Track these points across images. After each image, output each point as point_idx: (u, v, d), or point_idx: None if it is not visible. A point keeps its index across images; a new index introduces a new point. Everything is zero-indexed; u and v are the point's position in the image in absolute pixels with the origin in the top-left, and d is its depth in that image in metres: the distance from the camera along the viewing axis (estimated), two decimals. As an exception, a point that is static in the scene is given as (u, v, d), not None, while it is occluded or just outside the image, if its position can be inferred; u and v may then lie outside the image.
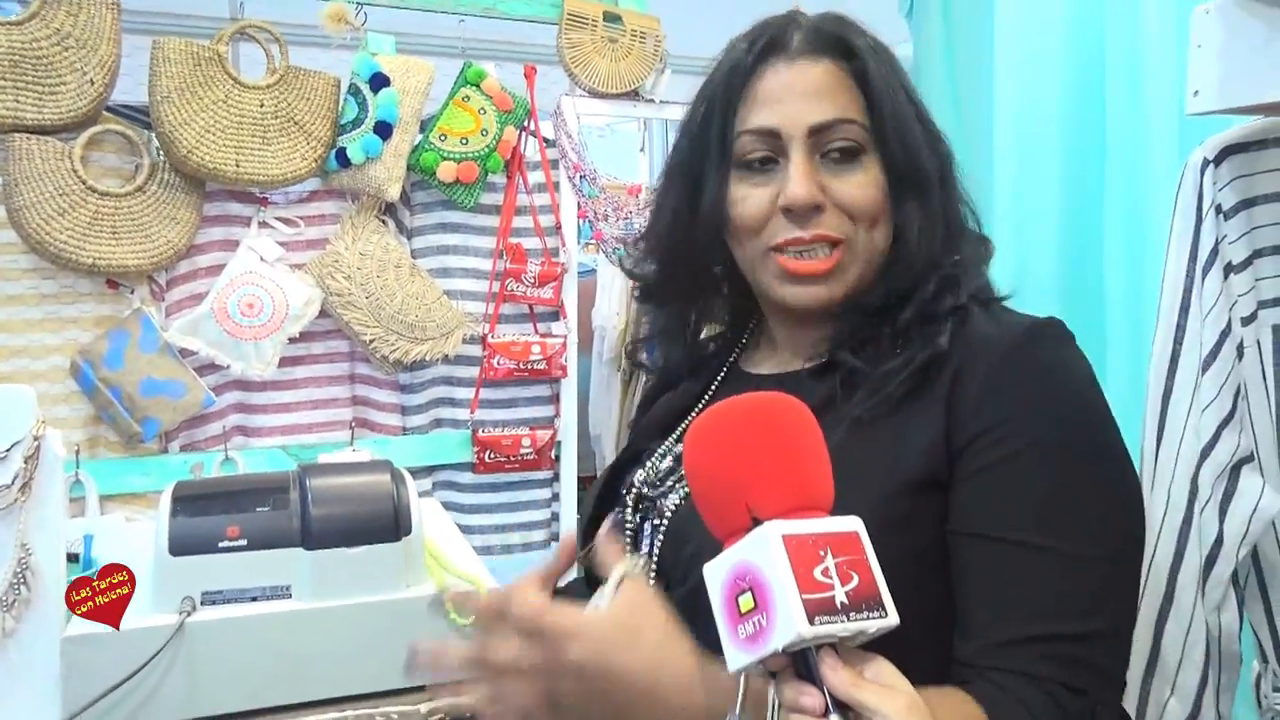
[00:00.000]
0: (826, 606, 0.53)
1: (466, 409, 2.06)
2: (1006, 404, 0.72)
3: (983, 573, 0.71)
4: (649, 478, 0.87)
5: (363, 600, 1.16)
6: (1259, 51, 0.76)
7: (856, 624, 0.54)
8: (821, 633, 0.53)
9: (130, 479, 1.78)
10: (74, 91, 1.66)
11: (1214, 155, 0.88)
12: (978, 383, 0.73)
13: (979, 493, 0.72)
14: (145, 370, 1.74)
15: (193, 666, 1.10)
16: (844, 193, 0.79)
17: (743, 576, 0.56)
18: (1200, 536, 0.90)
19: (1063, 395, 0.74)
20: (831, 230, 0.79)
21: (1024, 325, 0.77)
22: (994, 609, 0.69)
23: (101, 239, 1.70)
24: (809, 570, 0.54)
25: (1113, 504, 0.72)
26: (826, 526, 0.57)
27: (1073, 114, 1.41)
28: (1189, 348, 0.91)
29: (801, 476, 0.60)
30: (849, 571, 0.55)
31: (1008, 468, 0.71)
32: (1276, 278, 0.89)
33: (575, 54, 2.09)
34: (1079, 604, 0.69)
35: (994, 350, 0.75)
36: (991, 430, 0.72)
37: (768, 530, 0.56)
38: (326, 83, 1.86)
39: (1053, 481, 0.71)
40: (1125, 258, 1.34)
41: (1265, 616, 0.92)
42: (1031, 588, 0.69)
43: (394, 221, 2.00)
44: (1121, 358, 1.32)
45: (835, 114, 0.79)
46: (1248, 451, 0.89)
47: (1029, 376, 0.73)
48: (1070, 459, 0.71)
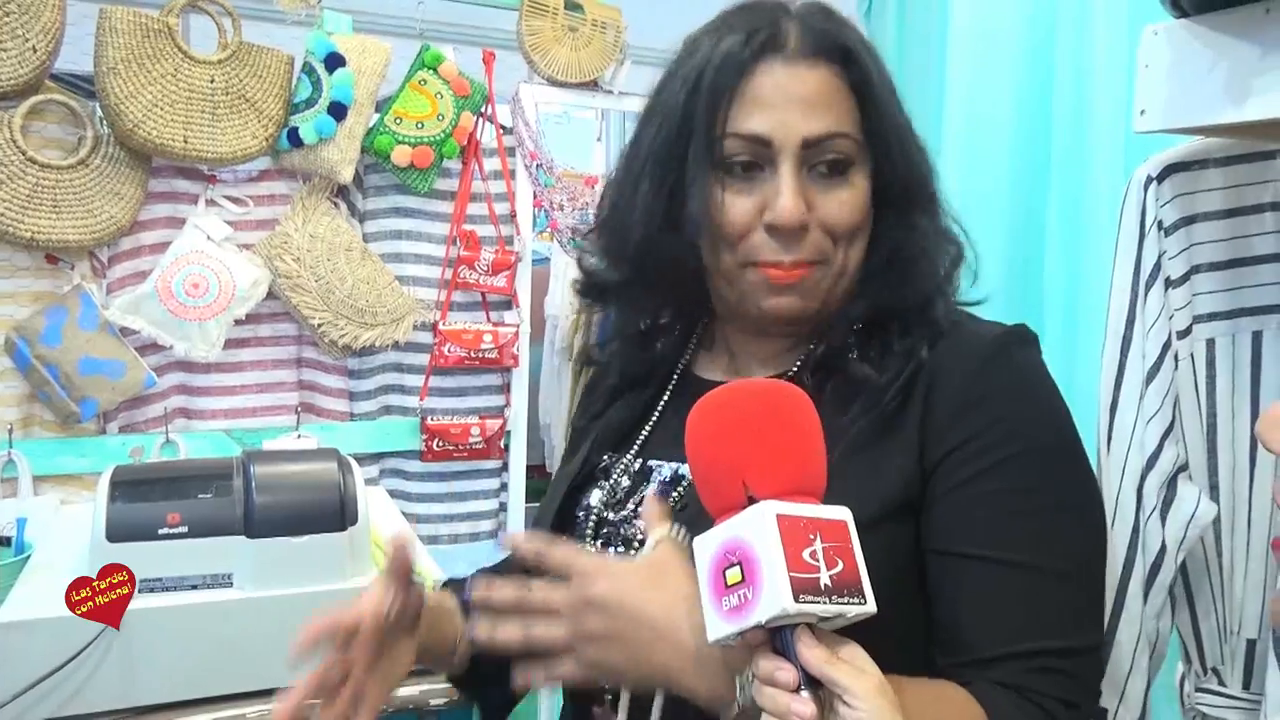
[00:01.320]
0: (811, 587, 0.56)
1: (416, 396, 2.04)
2: (978, 420, 0.72)
3: (966, 589, 0.70)
4: (608, 499, 0.84)
5: (306, 590, 1.15)
6: (1204, 75, 0.78)
7: (837, 607, 0.56)
8: (805, 610, 0.55)
9: (66, 460, 1.74)
10: (15, 58, 1.61)
11: (1157, 172, 0.90)
12: (949, 399, 0.73)
13: (956, 510, 0.71)
14: (84, 349, 1.70)
15: (130, 655, 1.08)
16: (828, 210, 0.76)
17: (733, 550, 0.58)
18: (1145, 545, 0.93)
19: (1033, 408, 0.74)
20: (811, 255, 0.76)
21: (991, 336, 0.76)
22: (981, 625, 0.69)
23: (41, 212, 1.65)
24: (798, 551, 0.57)
25: (1084, 515, 0.73)
26: (818, 512, 0.59)
27: (1020, 126, 1.44)
28: (1133, 360, 0.93)
29: (799, 462, 0.62)
30: (835, 557, 0.57)
31: (983, 483, 0.71)
32: (1211, 293, 0.92)
33: (535, 41, 2.08)
34: (1064, 618, 0.70)
35: (964, 364, 0.74)
36: (964, 446, 0.72)
37: (763, 508, 0.58)
38: (280, 60, 1.82)
39: (1029, 496, 0.71)
40: (1065, 268, 1.37)
41: (1190, 619, 0.95)
42: (1017, 603, 0.69)
43: (346, 204, 1.97)
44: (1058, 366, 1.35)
45: (830, 127, 0.75)
46: (1184, 460, 0.92)
47: (999, 391, 0.73)
48: (1044, 472, 0.72)
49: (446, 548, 2.06)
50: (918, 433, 0.73)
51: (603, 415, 0.91)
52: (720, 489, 0.62)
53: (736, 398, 0.64)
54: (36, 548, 1.36)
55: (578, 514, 0.86)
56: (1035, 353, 0.77)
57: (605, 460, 0.88)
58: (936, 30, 1.63)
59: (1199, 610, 0.94)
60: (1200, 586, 0.94)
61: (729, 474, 0.62)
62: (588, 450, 0.88)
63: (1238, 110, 0.76)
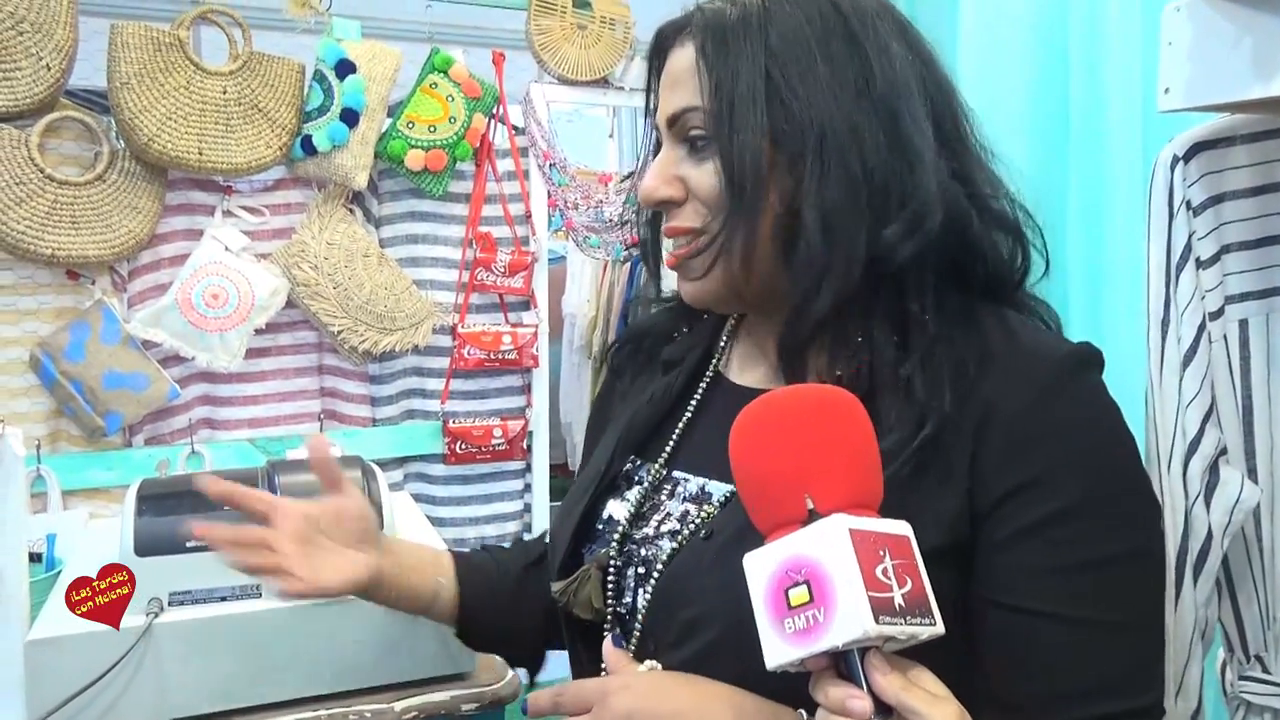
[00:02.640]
0: (888, 607, 0.52)
1: (437, 400, 2.04)
2: (1039, 460, 0.66)
3: (1029, 647, 0.66)
4: (631, 511, 0.80)
5: (334, 599, 1.15)
6: (1229, 49, 0.76)
7: (911, 628, 0.53)
8: (885, 632, 0.52)
9: (94, 474, 1.75)
10: (29, 77, 1.62)
11: (1184, 152, 0.88)
12: (1006, 435, 0.67)
13: (1017, 561, 0.66)
14: (107, 363, 1.71)
15: (161, 669, 1.08)
16: (698, 182, 0.74)
17: (798, 569, 0.54)
18: (1192, 531, 0.90)
19: (1099, 447, 0.68)
20: (680, 223, 0.76)
21: (1054, 360, 0.69)
22: (1044, 686, 0.65)
23: (61, 228, 1.66)
24: (872, 568, 0.53)
25: (1150, 559, 0.69)
26: (884, 526, 0.56)
27: (1035, 108, 1.41)
28: (1171, 344, 0.91)
29: (861, 472, 0.58)
30: (904, 575, 0.54)
31: (1047, 532, 0.65)
32: (1242, 273, 0.89)
33: (544, 40, 2.07)
34: (1132, 676, 0.66)
35: (1023, 393, 0.67)
36: (1026, 489, 0.66)
37: (835, 523, 0.54)
38: (291, 69, 1.82)
39: (1096, 545, 0.66)
40: (1087, 251, 1.35)
41: (1231, 606, 0.93)
42: (1082, 664, 0.65)
43: (361, 210, 1.97)
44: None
45: (681, 103, 0.75)
46: (1224, 444, 0.90)
47: (1063, 427, 0.67)
48: (1111, 518, 0.66)
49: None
50: (968, 471, 0.67)
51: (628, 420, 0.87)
52: (776, 503, 0.58)
53: (791, 405, 0.60)
54: (67, 563, 1.37)
55: (598, 525, 0.83)
56: (1098, 377, 0.70)
57: (630, 465, 0.85)
58: (947, 15, 1.61)
59: (1240, 597, 0.93)
60: (1241, 572, 0.92)
61: (787, 487, 0.57)
62: (612, 452, 0.85)
63: (1265, 85, 0.74)
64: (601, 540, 0.82)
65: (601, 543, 0.82)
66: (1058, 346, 0.70)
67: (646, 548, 0.78)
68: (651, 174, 0.76)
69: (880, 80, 0.71)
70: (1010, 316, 0.73)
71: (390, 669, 1.18)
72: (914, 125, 0.71)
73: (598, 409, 0.98)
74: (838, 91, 0.70)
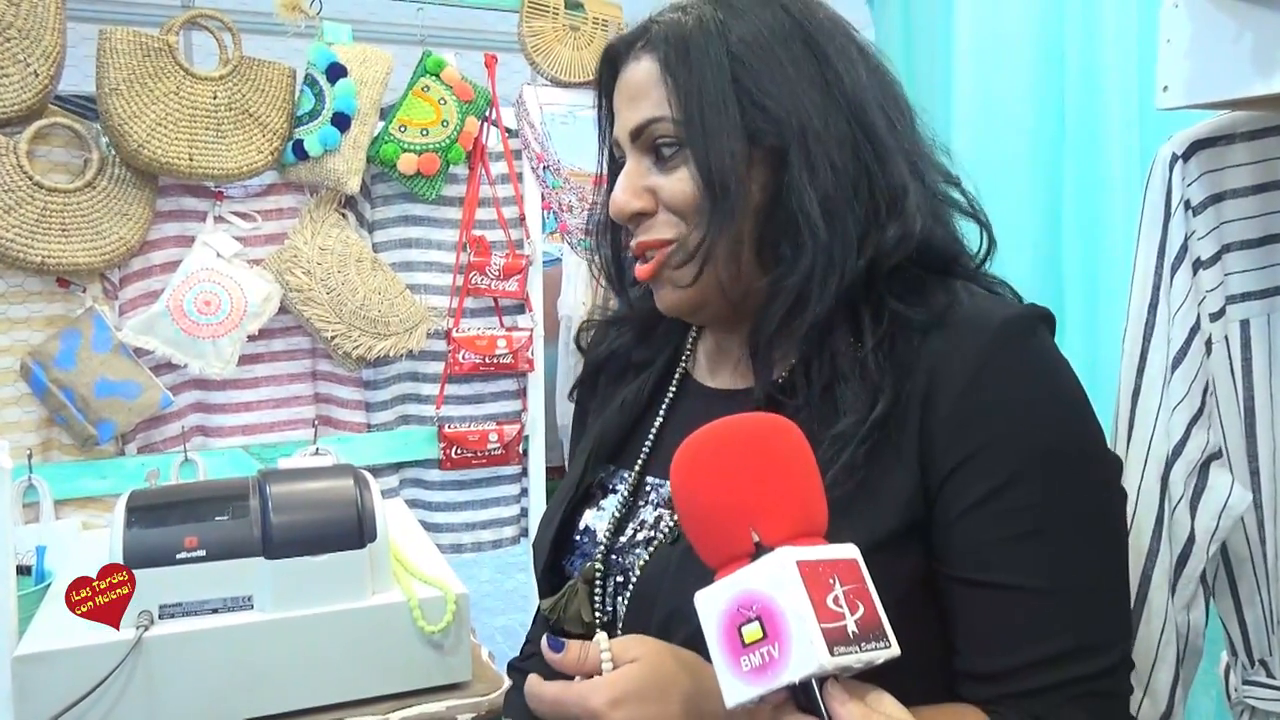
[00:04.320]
0: (841, 636, 0.52)
1: (432, 405, 2.03)
2: (987, 427, 0.67)
3: (992, 619, 0.67)
4: (610, 520, 0.80)
5: (327, 610, 1.13)
6: (1229, 46, 0.75)
7: (867, 654, 0.52)
8: (841, 664, 0.51)
9: (86, 482, 1.74)
10: (17, 84, 1.60)
11: (1183, 150, 0.87)
12: (952, 402, 0.67)
13: (972, 533, 0.67)
14: (99, 371, 1.69)
15: (151, 683, 1.07)
16: (669, 192, 0.74)
17: (748, 605, 0.53)
18: (1171, 535, 0.89)
19: (1047, 409, 0.68)
20: (655, 235, 0.75)
21: (997, 323, 0.68)
22: (1010, 657, 0.66)
23: (50, 236, 1.65)
24: (822, 599, 0.52)
25: (1108, 520, 0.70)
26: (831, 553, 0.55)
27: (1032, 107, 1.40)
28: (1157, 345, 0.90)
29: (803, 502, 0.57)
30: (855, 601, 0.53)
31: (1000, 501, 0.66)
32: (1243, 273, 0.88)
33: (537, 42, 2.06)
34: (1096, 638, 0.67)
35: (967, 360, 0.68)
36: (975, 458, 0.66)
37: (781, 556, 0.53)
38: (281, 73, 1.81)
39: (1049, 511, 0.66)
40: (1082, 250, 1.34)
41: (1234, 610, 0.92)
42: (1047, 632, 0.66)
43: (354, 215, 1.96)
44: (1078, 352, 1.32)
45: (647, 114, 0.74)
46: (1216, 448, 0.88)
47: (1009, 391, 0.67)
48: (1064, 481, 0.67)
49: (470, 556, 2.06)
50: (917, 442, 0.68)
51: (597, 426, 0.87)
52: (722, 538, 0.57)
53: (728, 438, 0.59)
54: (56, 575, 1.36)
55: (575, 536, 0.83)
56: (1047, 338, 0.71)
57: (604, 474, 0.85)
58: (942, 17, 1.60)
59: (1243, 600, 0.91)
60: (1243, 576, 0.91)
61: (732, 521, 0.56)
62: (584, 464, 0.85)
63: (1266, 82, 0.73)
64: (580, 552, 0.82)
65: (580, 554, 0.82)
66: (1000, 311, 0.70)
67: (624, 556, 0.79)
68: (621, 188, 0.76)
69: (845, 78, 0.73)
70: (956, 286, 0.73)
71: (385, 680, 1.17)
72: (879, 119, 0.73)
73: (577, 423, 0.97)
74: (806, 88, 0.72)
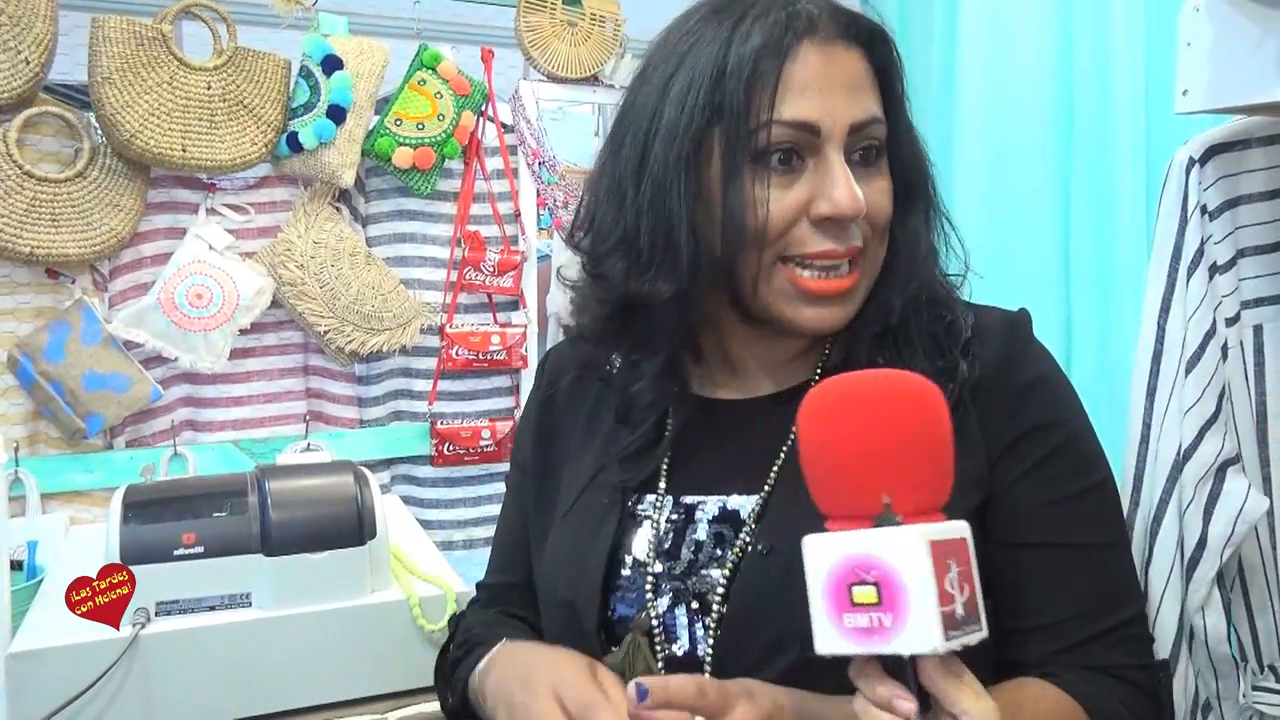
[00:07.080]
0: (951, 619, 0.52)
1: (425, 401, 2.01)
2: (1032, 408, 0.73)
3: (1037, 580, 0.71)
4: (655, 549, 0.75)
5: (327, 607, 1.12)
6: (1251, 51, 0.75)
7: (966, 636, 0.52)
8: (951, 647, 0.51)
9: (74, 476, 1.71)
10: (7, 71, 1.58)
11: (1199, 155, 0.87)
12: (999, 392, 0.73)
13: (1019, 504, 0.72)
14: (88, 363, 1.67)
15: (148, 681, 1.05)
16: (871, 200, 0.70)
17: (866, 568, 0.52)
18: (1182, 538, 0.89)
19: (1063, 389, 0.76)
20: (856, 243, 0.70)
21: (1005, 324, 0.76)
22: (1055, 613, 0.71)
23: (40, 226, 1.62)
24: (942, 581, 0.52)
25: (1114, 489, 0.77)
26: (951, 532, 0.54)
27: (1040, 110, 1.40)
28: (1170, 349, 0.90)
29: (941, 474, 0.56)
30: (964, 583, 0.53)
31: (1040, 474, 0.72)
32: (1259, 278, 0.88)
33: (534, 37, 2.05)
34: (1124, 589, 0.74)
35: (996, 355, 0.74)
36: (1027, 436, 0.73)
37: (914, 533, 0.52)
38: (276, 64, 1.79)
39: (1080, 476, 0.73)
40: (1093, 254, 1.34)
41: (1246, 615, 0.92)
42: (1087, 585, 0.72)
43: (348, 208, 1.94)
44: (1089, 355, 1.32)
45: (872, 112, 0.70)
46: (1233, 453, 0.88)
47: (1037, 377, 0.74)
48: (1086, 450, 0.75)
49: (462, 553, 2.04)
50: (981, 432, 0.72)
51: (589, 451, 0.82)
52: (850, 491, 0.55)
53: (883, 392, 0.56)
54: (49, 571, 1.34)
55: (622, 571, 0.76)
56: (1035, 338, 0.78)
57: (628, 505, 0.78)
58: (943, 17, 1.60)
59: (1254, 606, 0.92)
60: (1254, 581, 0.91)
61: (864, 479, 0.54)
62: (613, 492, 0.78)
63: (1287, 88, 0.73)
64: (631, 586, 0.76)
65: (632, 590, 0.75)
66: (1000, 314, 0.78)
67: (693, 581, 0.73)
68: (852, 184, 0.68)
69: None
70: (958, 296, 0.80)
71: (382, 679, 1.16)
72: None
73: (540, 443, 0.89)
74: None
